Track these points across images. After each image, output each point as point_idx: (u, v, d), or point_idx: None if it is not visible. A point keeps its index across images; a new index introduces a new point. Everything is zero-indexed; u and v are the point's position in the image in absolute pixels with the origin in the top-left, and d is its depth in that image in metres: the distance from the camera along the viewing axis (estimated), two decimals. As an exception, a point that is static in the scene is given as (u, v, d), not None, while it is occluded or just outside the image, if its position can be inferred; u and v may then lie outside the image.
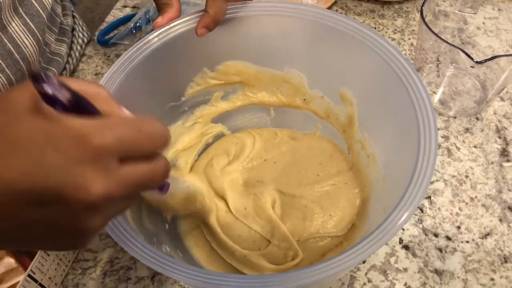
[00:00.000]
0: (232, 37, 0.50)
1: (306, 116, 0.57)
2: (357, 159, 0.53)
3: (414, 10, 0.77)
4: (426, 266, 0.51)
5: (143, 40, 0.46)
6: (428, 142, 0.38)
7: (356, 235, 0.48)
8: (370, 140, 0.50)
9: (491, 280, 0.50)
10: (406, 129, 0.41)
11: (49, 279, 0.48)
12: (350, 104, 0.51)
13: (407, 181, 0.36)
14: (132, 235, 0.35)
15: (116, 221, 0.36)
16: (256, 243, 0.50)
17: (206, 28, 0.46)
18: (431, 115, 0.39)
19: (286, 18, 0.48)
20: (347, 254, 0.33)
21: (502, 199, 0.55)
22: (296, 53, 0.52)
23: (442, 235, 0.53)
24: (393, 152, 0.46)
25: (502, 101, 0.65)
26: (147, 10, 0.76)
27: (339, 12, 0.78)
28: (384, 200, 0.43)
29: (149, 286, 0.50)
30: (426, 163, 0.37)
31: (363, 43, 0.45)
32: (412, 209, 0.34)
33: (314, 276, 0.32)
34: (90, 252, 0.53)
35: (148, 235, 0.44)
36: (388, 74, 0.43)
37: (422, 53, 0.62)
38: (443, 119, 0.63)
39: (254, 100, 0.57)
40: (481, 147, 0.60)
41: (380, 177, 0.47)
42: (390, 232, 0.33)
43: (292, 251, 0.48)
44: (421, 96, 0.40)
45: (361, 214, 0.50)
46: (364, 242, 0.33)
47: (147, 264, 0.34)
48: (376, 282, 0.50)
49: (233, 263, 0.49)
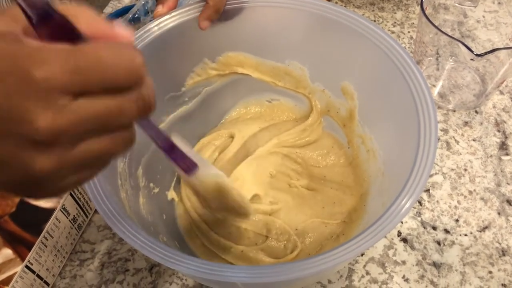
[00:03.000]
0: (233, 28, 0.50)
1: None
2: (356, 154, 0.53)
3: (414, 3, 0.77)
4: (424, 259, 0.51)
5: (144, 29, 0.46)
6: (428, 138, 0.38)
7: (354, 230, 0.48)
8: (370, 134, 0.50)
9: (489, 273, 0.50)
10: (406, 124, 0.41)
11: (47, 270, 0.48)
12: (351, 98, 0.51)
13: (405, 177, 0.36)
14: (131, 225, 0.35)
15: (115, 211, 0.36)
16: (251, 239, 0.49)
17: (209, 20, 0.46)
18: (431, 111, 0.39)
19: (288, 10, 0.48)
20: (344, 247, 0.33)
21: (501, 193, 0.55)
22: (298, 46, 0.52)
23: (441, 228, 0.53)
24: (393, 147, 0.45)
25: (501, 94, 0.65)
26: (146, 1, 0.76)
27: (339, 4, 0.77)
28: (383, 196, 0.43)
29: (147, 277, 0.50)
30: (425, 160, 0.37)
31: (364, 36, 0.45)
32: (410, 204, 0.34)
33: (311, 268, 0.32)
34: (88, 244, 0.52)
35: (145, 224, 0.44)
36: (389, 68, 0.43)
37: (421, 46, 0.62)
38: (442, 112, 0.63)
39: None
40: (480, 140, 0.60)
41: (379, 173, 0.47)
42: (387, 227, 0.34)
43: (291, 243, 0.48)
44: (422, 91, 0.40)
45: (359, 209, 0.50)
46: (361, 236, 0.33)
47: (147, 255, 0.33)
48: (374, 274, 0.50)
49: (229, 258, 0.48)
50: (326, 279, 0.49)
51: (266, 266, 0.39)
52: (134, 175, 0.47)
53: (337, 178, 0.53)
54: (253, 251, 0.47)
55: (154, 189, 0.51)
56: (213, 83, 0.55)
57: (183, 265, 0.33)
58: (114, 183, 0.41)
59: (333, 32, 0.47)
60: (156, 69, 0.48)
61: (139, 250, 0.34)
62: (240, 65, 0.53)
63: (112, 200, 0.36)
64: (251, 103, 0.59)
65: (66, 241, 0.50)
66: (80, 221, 0.52)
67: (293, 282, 0.39)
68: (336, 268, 0.48)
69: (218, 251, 0.48)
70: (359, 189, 0.51)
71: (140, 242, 0.34)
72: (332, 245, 0.48)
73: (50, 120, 0.23)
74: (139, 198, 0.46)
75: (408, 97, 0.41)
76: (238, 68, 0.54)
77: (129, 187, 0.45)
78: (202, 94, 0.55)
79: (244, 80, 0.55)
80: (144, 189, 0.48)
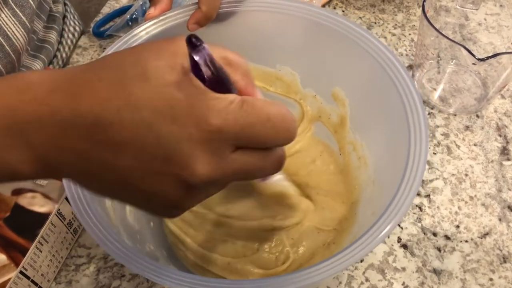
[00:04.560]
0: (224, 32, 0.49)
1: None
2: (348, 161, 0.52)
3: (415, 5, 0.76)
4: (425, 266, 0.50)
5: (131, 33, 0.45)
6: (418, 147, 0.38)
7: (344, 238, 0.47)
8: (362, 141, 0.49)
9: (489, 280, 0.49)
10: (396, 132, 0.41)
11: (42, 276, 0.47)
12: (342, 104, 0.50)
13: (396, 186, 0.36)
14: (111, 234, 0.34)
15: (96, 220, 0.35)
16: (239, 251, 0.47)
17: (198, 24, 0.45)
18: (422, 118, 0.39)
19: (279, 14, 0.48)
20: (333, 260, 0.33)
21: (502, 198, 0.55)
22: (289, 51, 0.51)
23: (441, 234, 0.52)
24: (383, 155, 0.45)
25: (503, 98, 0.64)
26: (144, 2, 0.75)
27: (339, 6, 0.77)
28: (373, 204, 0.42)
29: (143, 283, 0.49)
30: (416, 169, 0.37)
31: (356, 42, 0.45)
32: (399, 216, 0.34)
33: (301, 282, 0.32)
34: (83, 248, 0.52)
35: (131, 232, 0.43)
36: (380, 75, 0.43)
37: (422, 49, 0.61)
38: (443, 116, 0.62)
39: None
40: (481, 145, 0.60)
41: (370, 181, 0.46)
42: (375, 240, 0.33)
43: (283, 255, 0.47)
44: (413, 98, 0.40)
45: (350, 217, 0.49)
46: (349, 249, 0.33)
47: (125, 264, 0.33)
48: (374, 281, 0.49)
49: (215, 271, 0.46)
50: (325, 286, 0.49)
51: (251, 280, 0.38)
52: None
53: (324, 186, 0.53)
54: (241, 263, 0.46)
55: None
56: None
57: (164, 278, 0.32)
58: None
59: (325, 38, 0.47)
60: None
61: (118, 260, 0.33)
62: None
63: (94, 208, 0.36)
64: None
65: (62, 246, 0.49)
66: (76, 226, 0.51)
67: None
68: (325, 280, 0.47)
69: (203, 263, 0.47)
70: (349, 197, 0.50)
71: (119, 252, 0.33)
72: (323, 254, 0.47)
73: (210, 170, 0.25)
74: (125, 206, 0.45)
75: (398, 105, 0.41)
76: None
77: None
78: None
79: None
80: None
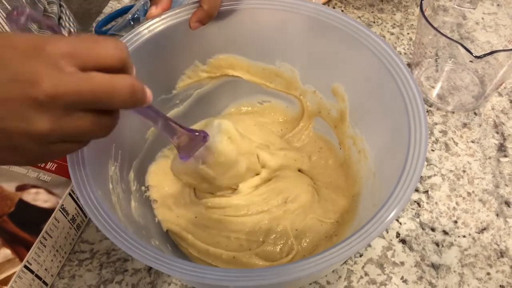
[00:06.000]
0: (224, 30, 0.50)
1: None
2: (348, 155, 0.52)
3: (413, 4, 0.77)
4: (423, 260, 0.51)
5: (134, 32, 0.46)
6: (418, 139, 0.38)
7: (346, 230, 0.48)
8: (361, 136, 0.50)
9: (487, 275, 0.50)
10: (396, 125, 0.41)
11: (45, 270, 0.48)
12: (342, 100, 0.51)
13: (396, 178, 0.37)
14: (121, 228, 0.35)
15: (105, 214, 0.36)
16: (243, 246, 0.48)
17: (200, 23, 0.46)
18: (421, 111, 0.40)
19: (278, 12, 0.48)
20: (334, 250, 0.33)
21: (499, 194, 0.56)
22: (289, 47, 0.52)
23: (439, 229, 0.53)
24: (383, 148, 0.46)
25: (500, 96, 0.65)
26: (145, 1, 0.76)
27: (338, 5, 0.77)
28: (374, 197, 0.43)
29: (146, 277, 0.50)
30: (416, 161, 0.37)
31: (355, 38, 0.45)
32: (400, 206, 0.35)
33: (306, 270, 0.33)
34: (86, 244, 0.52)
35: (137, 228, 0.44)
36: (379, 70, 0.44)
37: (421, 47, 0.62)
38: (441, 114, 0.63)
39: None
40: (479, 142, 0.60)
41: (370, 174, 0.47)
42: (377, 229, 0.34)
43: (288, 246, 0.48)
44: (412, 92, 0.41)
45: (351, 210, 0.50)
46: (351, 238, 0.34)
47: (136, 257, 0.33)
48: (373, 275, 0.50)
49: (220, 265, 0.46)
50: (325, 280, 0.49)
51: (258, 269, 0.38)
52: (125, 179, 0.47)
53: (326, 180, 0.53)
54: (246, 256, 0.46)
55: (146, 192, 0.51)
56: (204, 85, 0.55)
57: (175, 269, 0.33)
58: (105, 188, 0.41)
59: (324, 34, 0.48)
60: (147, 72, 0.48)
61: (127, 252, 0.34)
62: (231, 67, 0.53)
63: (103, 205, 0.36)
64: (242, 105, 0.59)
65: (65, 241, 0.50)
66: (79, 221, 0.52)
67: (288, 284, 0.39)
68: (323, 272, 0.48)
69: (208, 259, 0.47)
70: (351, 190, 0.51)
71: (128, 244, 0.34)
72: (325, 246, 0.48)
73: (54, 83, 0.27)
74: (131, 202, 0.46)
75: (398, 99, 0.41)
76: (229, 70, 0.54)
77: (121, 191, 0.45)
78: (193, 97, 0.55)
79: (236, 82, 0.55)
80: (136, 192, 0.48)
